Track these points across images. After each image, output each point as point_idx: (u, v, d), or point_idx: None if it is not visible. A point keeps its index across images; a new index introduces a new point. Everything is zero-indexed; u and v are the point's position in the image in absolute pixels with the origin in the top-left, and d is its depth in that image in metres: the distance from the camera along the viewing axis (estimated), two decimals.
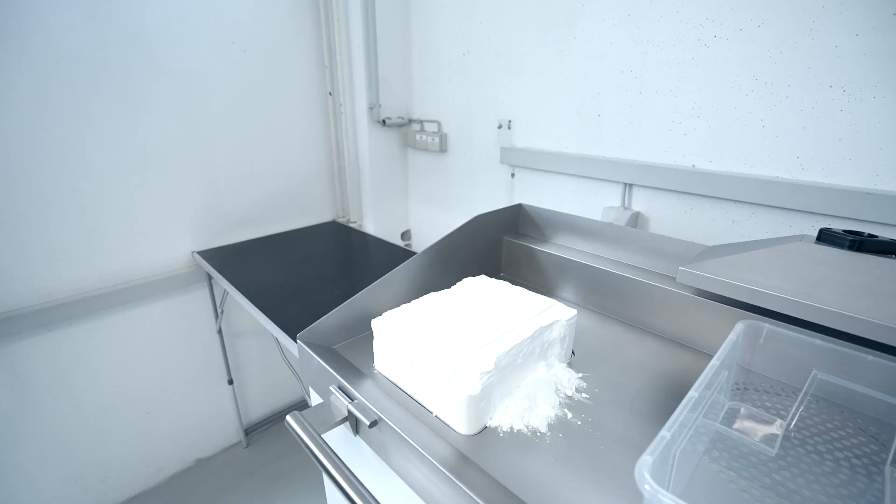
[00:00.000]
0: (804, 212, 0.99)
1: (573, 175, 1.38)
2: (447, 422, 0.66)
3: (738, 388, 0.70)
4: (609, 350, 0.85)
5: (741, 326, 0.65)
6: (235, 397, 1.90)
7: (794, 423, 0.63)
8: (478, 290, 0.88)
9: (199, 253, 1.61)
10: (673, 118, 1.14)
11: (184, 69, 1.47)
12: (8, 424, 1.38)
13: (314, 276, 1.39)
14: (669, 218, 1.20)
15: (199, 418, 1.83)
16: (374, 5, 1.63)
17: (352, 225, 1.99)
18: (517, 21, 1.40)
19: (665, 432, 0.44)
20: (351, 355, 0.84)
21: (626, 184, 1.25)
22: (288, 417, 0.65)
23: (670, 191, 1.18)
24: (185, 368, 1.74)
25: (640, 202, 1.25)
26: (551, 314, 0.77)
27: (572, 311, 0.79)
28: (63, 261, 1.37)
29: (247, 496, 1.75)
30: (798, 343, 0.63)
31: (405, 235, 2.08)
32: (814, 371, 0.63)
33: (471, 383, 0.62)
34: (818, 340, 0.61)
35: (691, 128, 1.12)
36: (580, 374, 0.77)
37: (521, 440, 0.63)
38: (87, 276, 1.41)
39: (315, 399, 0.89)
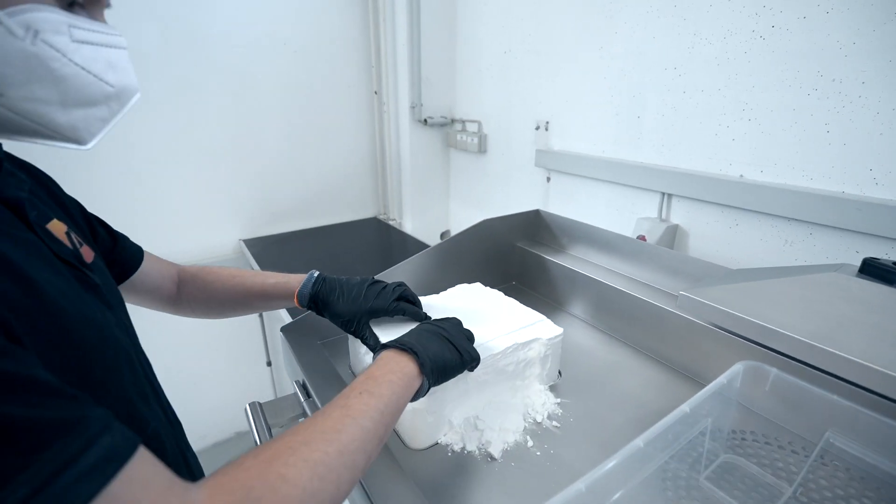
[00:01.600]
0: (876, 236, 0.82)
1: (608, 182, 1.27)
2: (399, 432, 0.63)
3: (737, 438, 0.60)
4: (605, 375, 0.76)
5: (739, 368, 0.55)
6: (273, 379, 2.02)
7: (800, 490, 0.52)
8: (467, 297, 0.84)
9: (245, 241, 1.72)
10: (720, 121, 1.00)
11: (239, 68, 1.58)
12: None
13: (343, 271, 1.42)
14: (712, 234, 1.06)
15: (240, 395, 1.96)
16: (419, 4, 1.63)
17: (391, 223, 2.02)
18: (557, 16, 1.32)
19: (579, 485, 0.38)
20: (334, 352, 0.84)
21: (664, 193, 1.12)
22: (246, 406, 0.67)
23: (714, 203, 1.04)
24: (229, 347, 1.87)
25: (680, 214, 1.12)
26: (532, 331, 0.71)
27: (558, 330, 0.72)
28: None
29: None
30: (811, 397, 0.52)
31: (444, 236, 2.07)
32: (828, 432, 0.51)
33: None
34: (835, 397, 0.50)
35: (740, 132, 0.97)
36: (559, 400, 0.70)
37: (469, 462, 0.59)
38: None
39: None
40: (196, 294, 0.71)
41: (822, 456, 0.55)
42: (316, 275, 0.70)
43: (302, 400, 0.67)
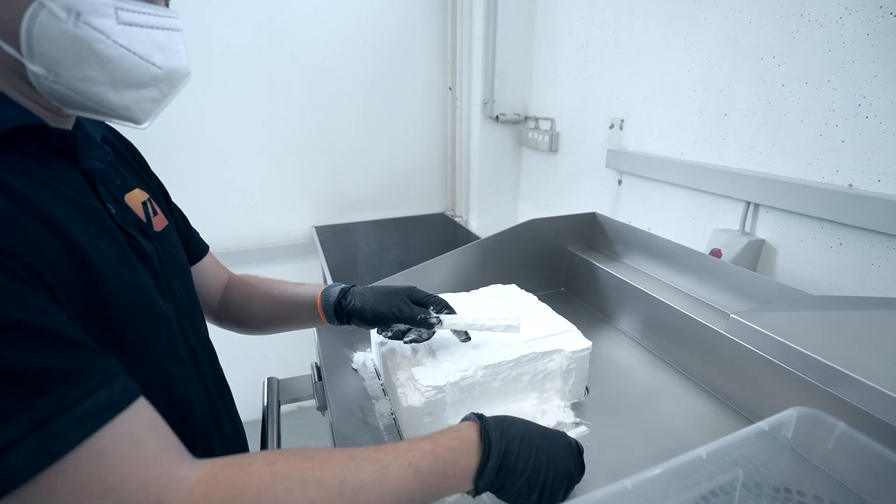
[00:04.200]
0: None
1: (685, 187, 1.13)
2: (399, 426, 0.62)
3: (791, 499, 0.49)
4: (641, 400, 0.68)
5: (793, 415, 0.44)
6: None
7: None
8: (498, 298, 0.80)
9: (316, 228, 1.82)
10: (827, 119, 0.84)
11: (319, 64, 1.67)
12: None
13: (404, 264, 1.44)
14: (806, 253, 0.89)
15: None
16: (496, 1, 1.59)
17: (457, 220, 2.01)
18: (641, 4, 1.21)
19: None
20: (360, 338, 0.84)
21: (749, 202, 0.97)
22: (265, 380, 0.70)
23: (811, 217, 0.87)
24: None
25: (767, 228, 0.96)
26: (557, 341, 0.65)
27: (585, 343, 0.65)
28: (212, 221, 1.70)
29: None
30: (891, 466, 0.40)
31: None
32: None
33: (414, 395, 0.57)
34: None
35: (853, 132, 0.80)
36: (579, 420, 0.63)
37: None
38: (228, 236, 1.74)
39: None
40: (238, 297, 0.69)
41: None
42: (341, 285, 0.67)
43: (314, 382, 0.68)
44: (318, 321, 0.65)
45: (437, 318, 0.61)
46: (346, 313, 0.63)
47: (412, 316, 0.60)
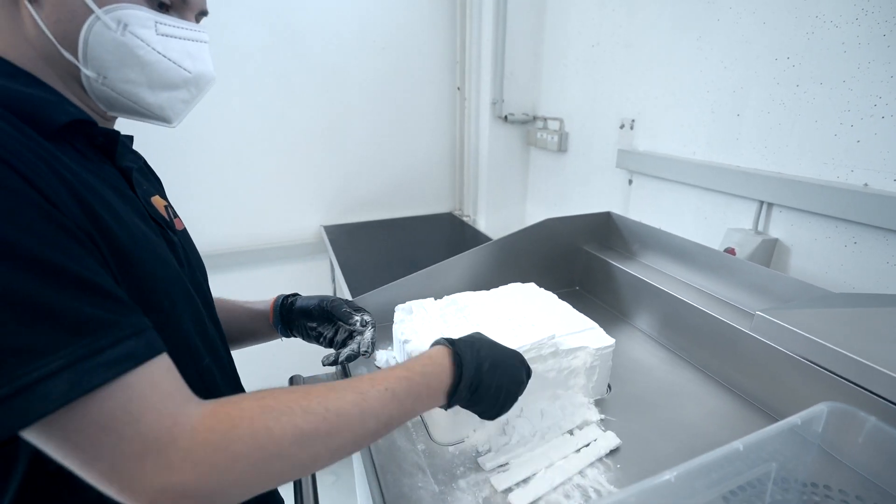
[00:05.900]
0: None
1: (697, 187, 1.14)
2: (426, 422, 0.62)
3: (818, 493, 0.49)
4: (662, 397, 0.69)
5: (823, 409, 0.45)
6: None
7: None
8: (518, 297, 0.80)
9: (325, 227, 1.83)
10: (842, 118, 0.85)
11: (329, 64, 1.68)
12: None
13: (412, 264, 1.44)
14: (821, 252, 0.90)
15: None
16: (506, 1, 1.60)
17: (465, 219, 2.02)
18: (652, 5, 1.22)
19: None
20: (381, 336, 0.85)
21: (762, 202, 0.98)
22: (290, 377, 0.70)
23: (825, 216, 0.88)
24: None
25: (781, 227, 0.96)
26: (580, 338, 0.66)
27: (609, 340, 0.66)
28: (222, 220, 1.71)
29: None
30: None
31: None
32: None
33: None
34: None
35: (869, 132, 0.81)
36: (603, 416, 0.64)
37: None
38: (238, 235, 1.74)
39: None
40: None
41: None
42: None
43: (337, 380, 0.69)
44: (266, 329, 0.75)
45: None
46: (289, 308, 0.74)
47: (350, 312, 0.72)
